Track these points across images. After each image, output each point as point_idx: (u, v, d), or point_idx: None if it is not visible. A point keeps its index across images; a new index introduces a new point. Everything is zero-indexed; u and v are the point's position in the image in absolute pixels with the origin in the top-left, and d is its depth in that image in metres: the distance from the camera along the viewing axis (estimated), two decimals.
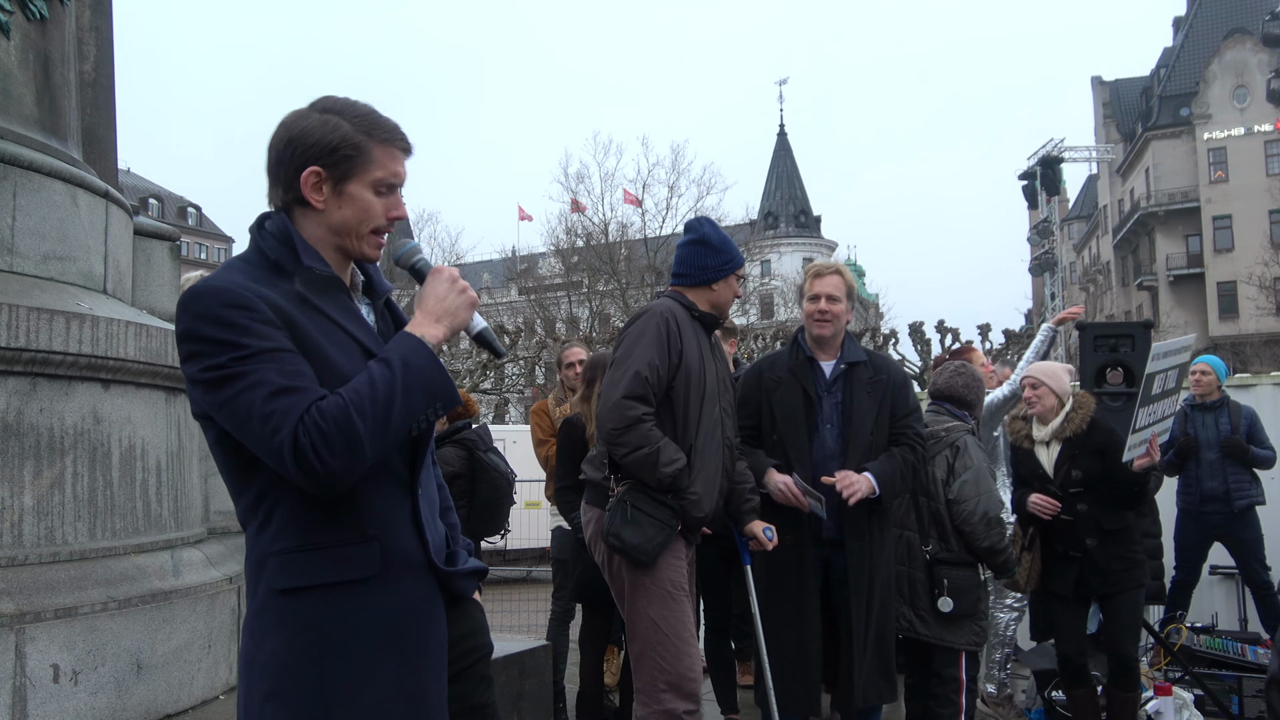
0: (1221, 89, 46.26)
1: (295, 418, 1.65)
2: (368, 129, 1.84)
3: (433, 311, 1.84)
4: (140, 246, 4.39)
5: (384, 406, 1.69)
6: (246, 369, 1.67)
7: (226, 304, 1.71)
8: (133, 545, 3.33)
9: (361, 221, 1.85)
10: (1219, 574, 7.19)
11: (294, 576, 1.76)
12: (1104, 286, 55.96)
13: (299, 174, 1.82)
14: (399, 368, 1.72)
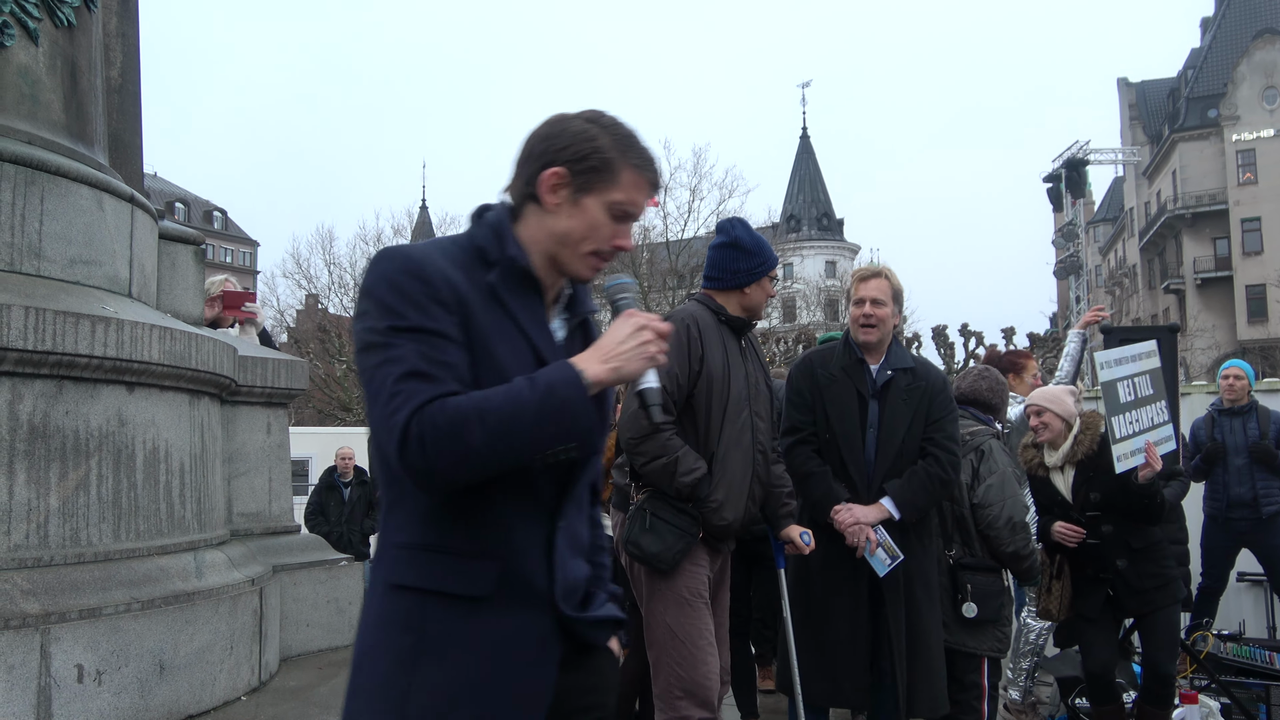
0: (1250, 90, 45.77)
1: (416, 404, 1.57)
2: (623, 149, 1.77)
3: (604, 350, 1.71)
4: (165, 250, 4.43)
5: (508, 424, 1.59)
6: (395, 341, 1.61)
7: (407, 272, 1.66)
8: (156, 547, 3.36)
9: (585, 237, 1.77)
10: (1246, 581, 7.11)
11: (408, 573, 1.68)
12: (1130, 290, 55.43)
13: (542, 170, 1.75)
14: (541, 391, 1.61)
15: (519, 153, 1.82)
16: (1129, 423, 4.53)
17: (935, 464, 3.74)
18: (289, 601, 4.21)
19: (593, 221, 1.76)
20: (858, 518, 3.59)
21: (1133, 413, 4.57)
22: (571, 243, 1.78)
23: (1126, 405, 4.56)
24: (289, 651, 4.18)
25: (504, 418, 1.59)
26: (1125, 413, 4.53)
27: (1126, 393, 4.60)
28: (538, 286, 1.78)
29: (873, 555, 3.60)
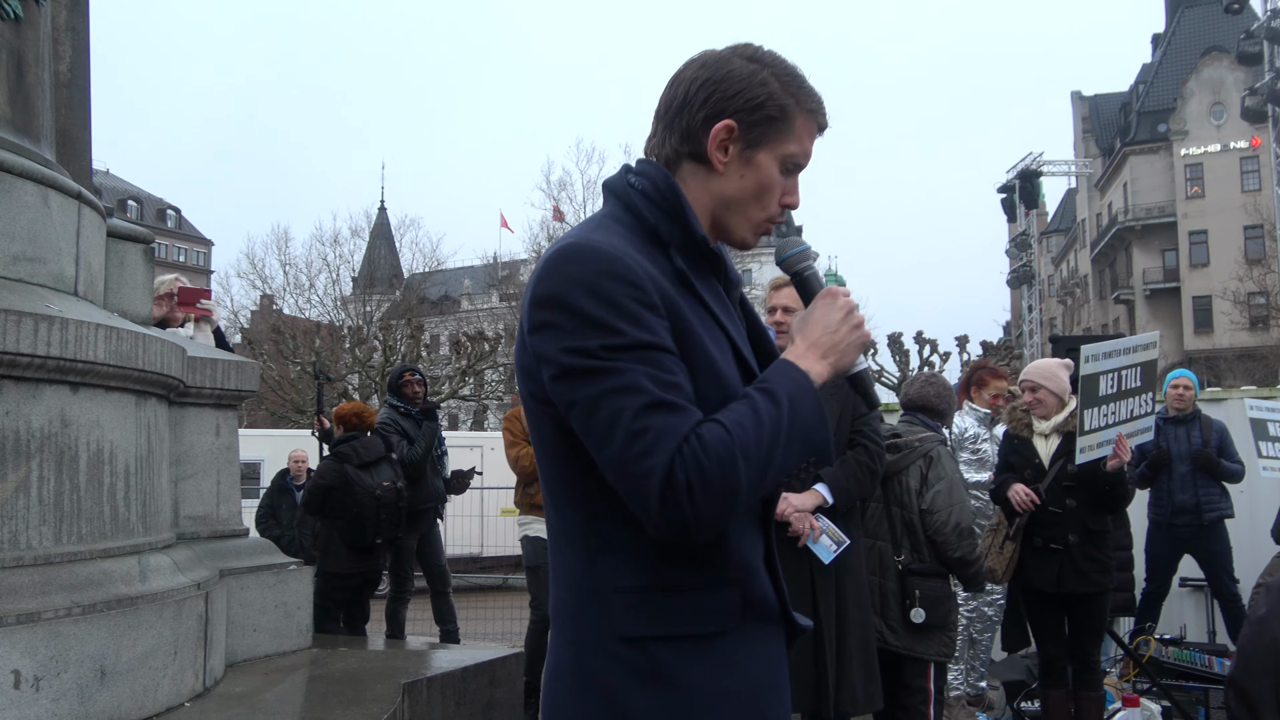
0: (1199, 106, 46.81)
1: (674, 444, 1.32)
2: (796, 93, 1.52)
3: (820, 344, 1.49)
4: (114, 249, 4.36)
5: (768, 452, 1.37)
6: (619, 365, 1.35)
7: (612, 274, 1.38)
8: (99, 550, 3.30)
9: (757, 198, 1.53)
10: (1188, 586, 7.26)
11: (648, 622, 1.43)
12: (1081, 299, 56.40)
13: (711, 124, 1.49)
14: (786, 409, 1.39)
15: (669, 102, 1.54)
16: (1102, 415, 4.62)
17: (865, 453, 3.77)
18: (236, 606, 4.15)
19: (767, 180, 1.52)
20: (796, 505, 3.56)
21: (1110, 406, 4.66)
22: (742, 206, 1.54)
23: (1105, 399, 4.65)
24: (235, 657, 4.13)
25: (762, 445, 1.37)
26: (1100, 406, 4.62)
27: (1108, 386, 4.69)
28: (718, 265, 1.56)
29: (816, 543, 3.60)
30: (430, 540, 7.04)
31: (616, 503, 1.41)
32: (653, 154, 1.57)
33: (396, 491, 6.52)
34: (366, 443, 6.40)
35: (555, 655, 1.54)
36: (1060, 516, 4.66)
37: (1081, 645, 4.75)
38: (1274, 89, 17.84)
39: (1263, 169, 38.33)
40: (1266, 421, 6.43)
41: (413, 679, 3.98)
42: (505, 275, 45.38)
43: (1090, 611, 4.72)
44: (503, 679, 4.64)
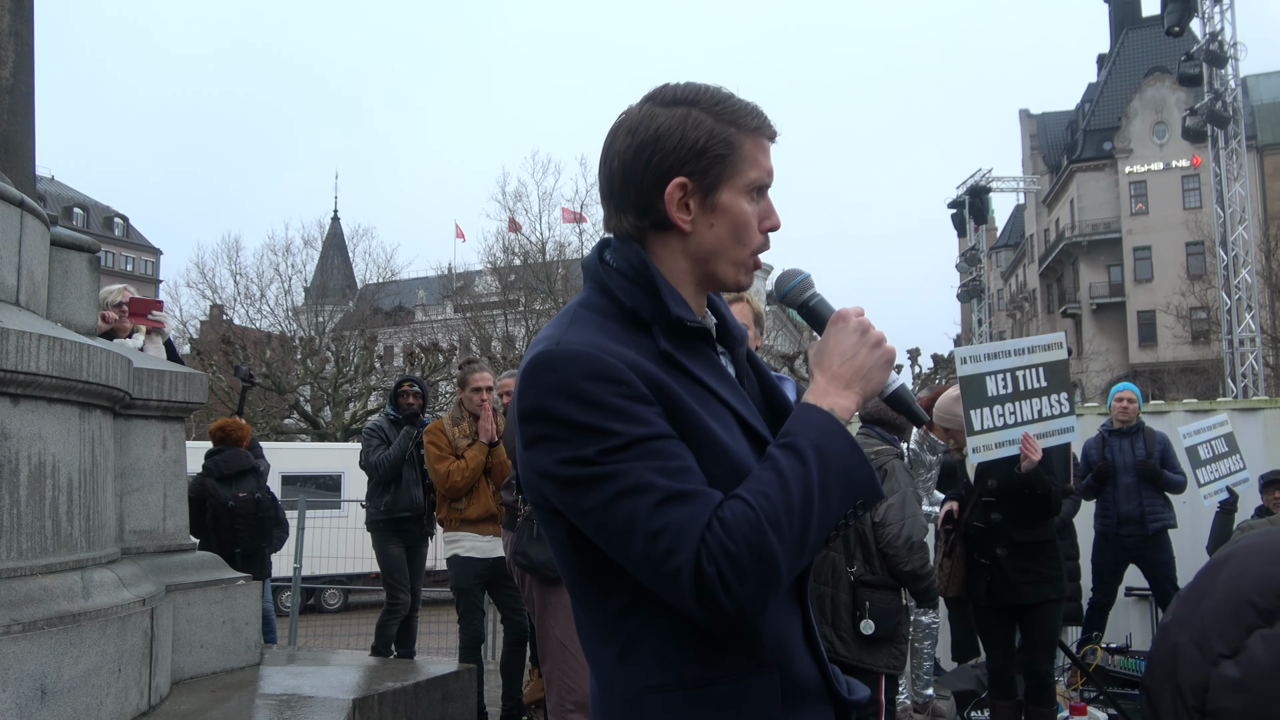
0: (1142, 125, 47.90)
1: (695, 537, 1.26)
2: (733, 117, 1.43)
3: (840, 375, 1.41)
4: (58, 258, 4.28)
5: (801, 515, 1.29)
6: (620, 467, 1.29)
7: (591, 375, 1.32)
8: (40, 566, 3.22)
9: (736, 239, 1.44)
10: (1134, 595, 7.40)
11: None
12: (1030, 313, 57.36)
13: (662, 189, 1.42)
14: (813, 460, 1.31)
15: (608, 181, 1.48)
16: (996, 416, 4.66)
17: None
18: (182, 622, 4.08)
19: (739, 218, 1.44)
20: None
21: (1005, 406, 4.69)
22: (725, 253, 1.46)
23: (997, 399, 4.68)
24: (181, 674, 4.05)
25: (792, 510, 1.29)
26: (991, 406, 4.66)
27: (999, 387, 4.71)
28: (708, 335, 1.48)
29: None
30: (416, 557, 6.84)
31: (639, 599, 1.36)
32: (617, 233, 1.50)
33: (254, 502, 6.81)
34: (230, 456, 6.54)
35: None
36: (984, 531, 4.75)
37: (1032, 659, 4.79)
38: (1213, 110, 18.31)
39: (1203, 187, 39.31)
40: (1198, 446, 6.60)
41: (363, 694, 3.94)
42: (460, 286, 45.12)
43: (1036, 623, 4.77)
44: (455, 694, 4.60)
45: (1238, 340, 18.52)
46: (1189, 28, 19.23)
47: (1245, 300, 18.67)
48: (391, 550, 6.59)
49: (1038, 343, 4.96)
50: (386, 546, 6.60)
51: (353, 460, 8.12)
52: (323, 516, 13.21)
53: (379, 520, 6.60)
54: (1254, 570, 1.03)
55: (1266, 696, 0.91)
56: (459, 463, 5.38)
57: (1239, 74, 18.80)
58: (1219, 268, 19.31)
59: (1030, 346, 4.92)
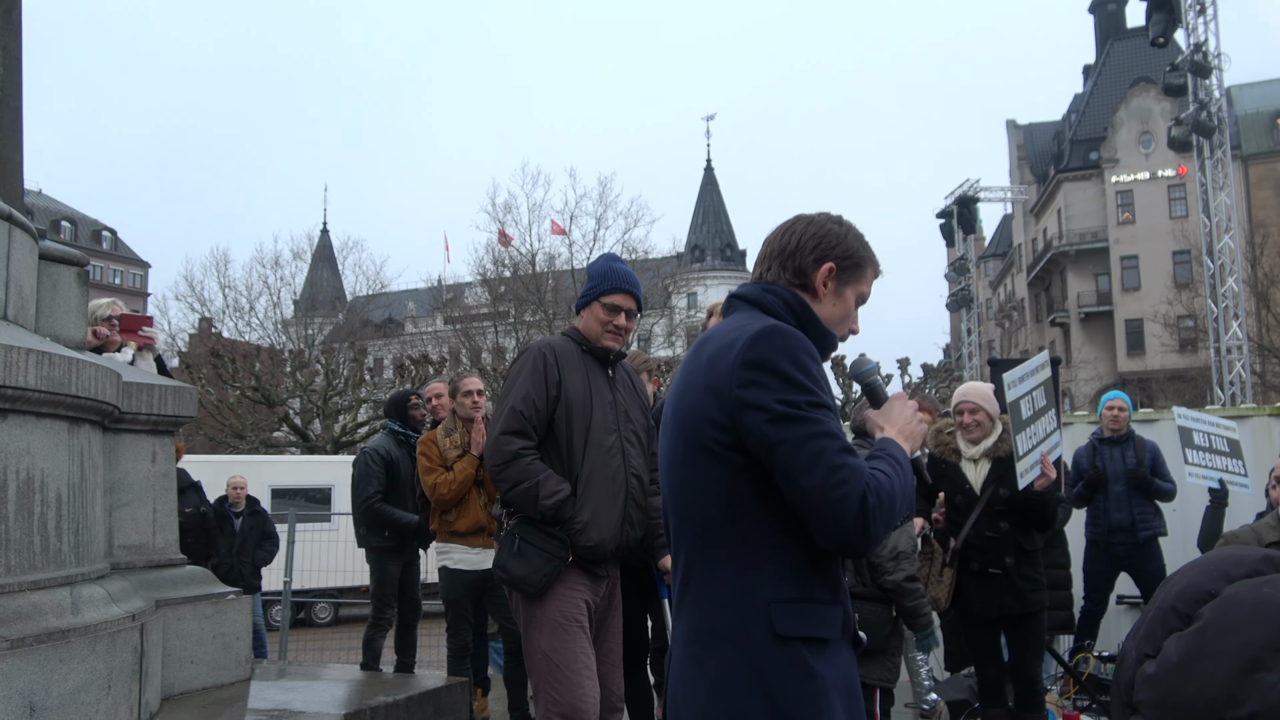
0: (1128, 135, 48.18)
1: (863, 479, 1.81)
2: (865, 251, 2.13)
3: (904, 431, 2.05)
4: (46, 272, 4.26)
5: (899, 499, 1.88)
6: (820, 416, 1.84)
7: (805, 351, 1.90)
8: (28, 582, 3.20)
9: (842, 321, 2.11)
10: (1125, 603, 7.41)
11: (801, 625, 1.87)
12: (1018, 323, 57.57)
13: (819, 265, 2.08)
14: (904, 471, 1.94)
15: (783, 248, 2.11)
16: (1029, 439, 4.72)
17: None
18: (172, 638, 4.05)
19: (847, 308, 2.11)
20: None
21: (1031, 428, 4.76)
22: (834, 324, 2.09)
23: (1027, 421, 4.75)
24: (172, 690, 4.02)
25: (894, 495, 1.86)
26: (1025, 429, 4.72)
27: (1027, 409, 4.79)
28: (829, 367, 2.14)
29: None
30: (411, 570, 6.80)
31: (776, 532, 1.88)
32: (767, 279, 2.12)
33: (200, 516, 7.28)
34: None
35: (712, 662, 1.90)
36: (995, 541, 4.72)
37: (1023, 665, 4.80)
38: (1198, 120, 18.42)
39: (1189, 196, 39.53)
40: (1192, 430, 6.59)
41: (354, 709, 3.91)
42: (450, 298, 45.09)
43: (1029, 630, 4.78)
44: (448, 708, 4.58)
45: (1225, 348, 18.61)
46: (1174, 38, 19.37)
47: (1232, 308, 18.77)
48: (389, 568, 6.56)
49: (1037, 363, 5.06)
50: (384, 564, 6.57)
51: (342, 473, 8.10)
52: (313, 530, 13.16)
53: (377, 545, 6.58)
54: (1185, 581, 1.14)
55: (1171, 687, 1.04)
56: (446, 475, 5.34)
57: (1223, 84, 18.92)
58: (1205, 276, 19.41)
59: (1035, 368, 5.00)
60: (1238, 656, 0.97)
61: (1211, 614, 1.03)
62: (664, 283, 40.15)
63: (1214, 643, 1.00)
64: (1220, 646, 0.99)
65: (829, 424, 1.84)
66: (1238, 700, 0.95)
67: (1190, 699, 0.98)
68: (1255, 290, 29.43)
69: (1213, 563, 1.12)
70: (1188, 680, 1.00)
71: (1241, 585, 1.05)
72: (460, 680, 4.99)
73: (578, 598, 3.42)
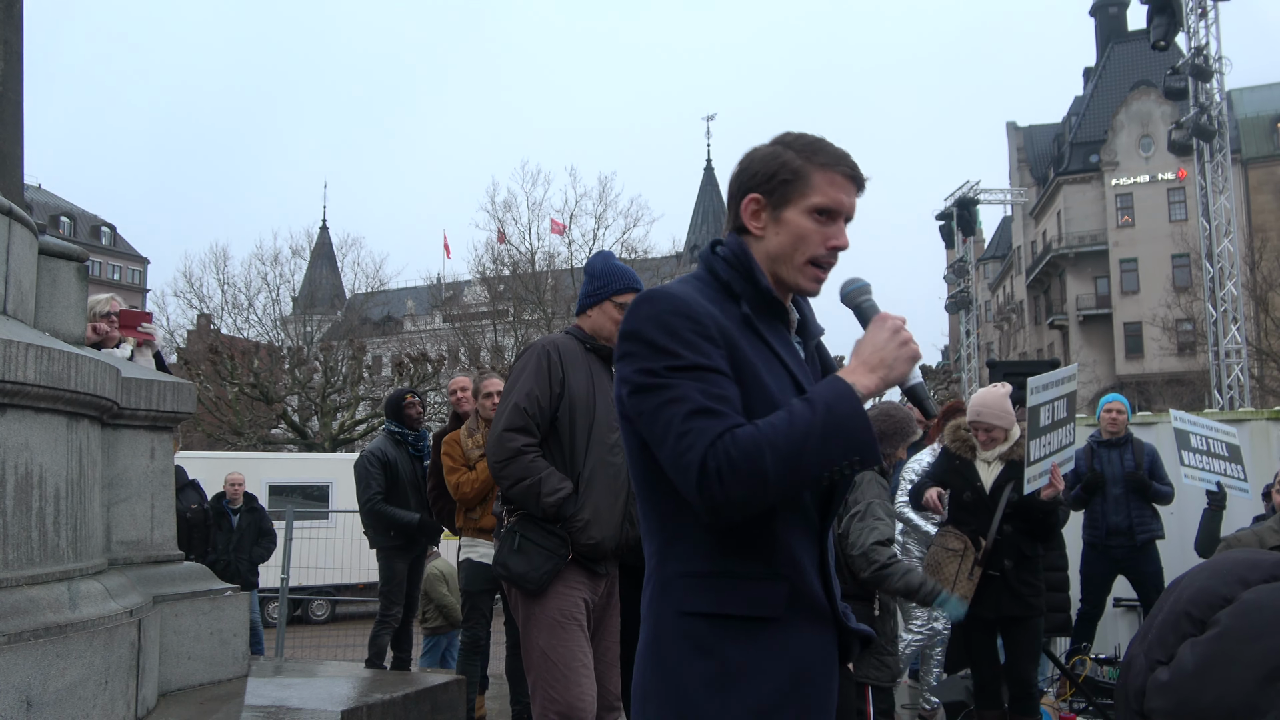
0: (1128, 138, 48.19)
1: (708, 440, 1.62)
2: (810, 155, 1.82)
3: (868, 361, 1.75)
4: (46, 267, 4.25)
5: (797, 447, 1.62)
6: (675, 381, 1.67)
7: (676, 311, 1.72)
8: (26, 577, 3.20)
9: (795, 249, 1.82)
10: (1122, 606, 7.41)
11: (705, 601, 1.73)
12: (1017, 325, 57.58)
13: (740, 202, 1.85)
14: (821, 411, 1.64)
15: (726, 193, 1.94)
16: (1042, 446, 4.72)
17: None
18: (169, 633, 4.04)
19: (798, 232, 1.81)
20: None
21: (1046, 437, 4.77)
22: (785, 258, 1.82)
23: (1044, 429, 4.75)
24: (169, 686, 4.02)
25: (792, 442, 1.62)
26: (1041, 437, 4.73)
27: (1046, 418, 4.80)
28: (783, 313, 1.85)
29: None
30: (415, 568, 6.86)
31: (685, 503, 1.70)
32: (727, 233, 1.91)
33: (203, 514, 7.72)
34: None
35: (641, 637, 1.84)
36: (997, 543, 4.72)
37: (1019, 668, 4.81)
38: (1198, 123, 18.42)
39: (1189, 200, 39.55)
40: (1189, 433, 6.60)
41: (351, 706, 3.91)
42: (449, 296, 45.08)
43: (1026, 633, 4.78)
44: (445, 706, 4.57)
45: (1223, 352, 18.62)
46: (1174, 42, 19.37)
47: (1231, 312, 18.77)
48: (396, 565, 6.64)
49: (1065, 374, 5.09)
50: (392, 562, 6.63)
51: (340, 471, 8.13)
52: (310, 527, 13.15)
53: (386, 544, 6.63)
54: (1197, 585, 1.10)
55: (1187, 695, 1.01)
56: (469, 474, 5.44)
57: (1224, 88, 18.93)
58: (1205, 280, 19.42)
59: (1061, 378, 5.02)
60: (1259, 664, 0.94)
61: (1229, 620, 1.00)
62: (663, 282, 40.11)
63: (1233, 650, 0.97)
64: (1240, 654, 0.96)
65: (683, 387, 1.66)
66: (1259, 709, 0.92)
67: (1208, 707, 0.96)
68: (1254, 294, 29.43)
69: (1225, 567, 1.09)
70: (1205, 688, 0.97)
71: (1259, 590, 1.02)
72: (458, 677, 4.99)
73: (576, 596, 3.43)
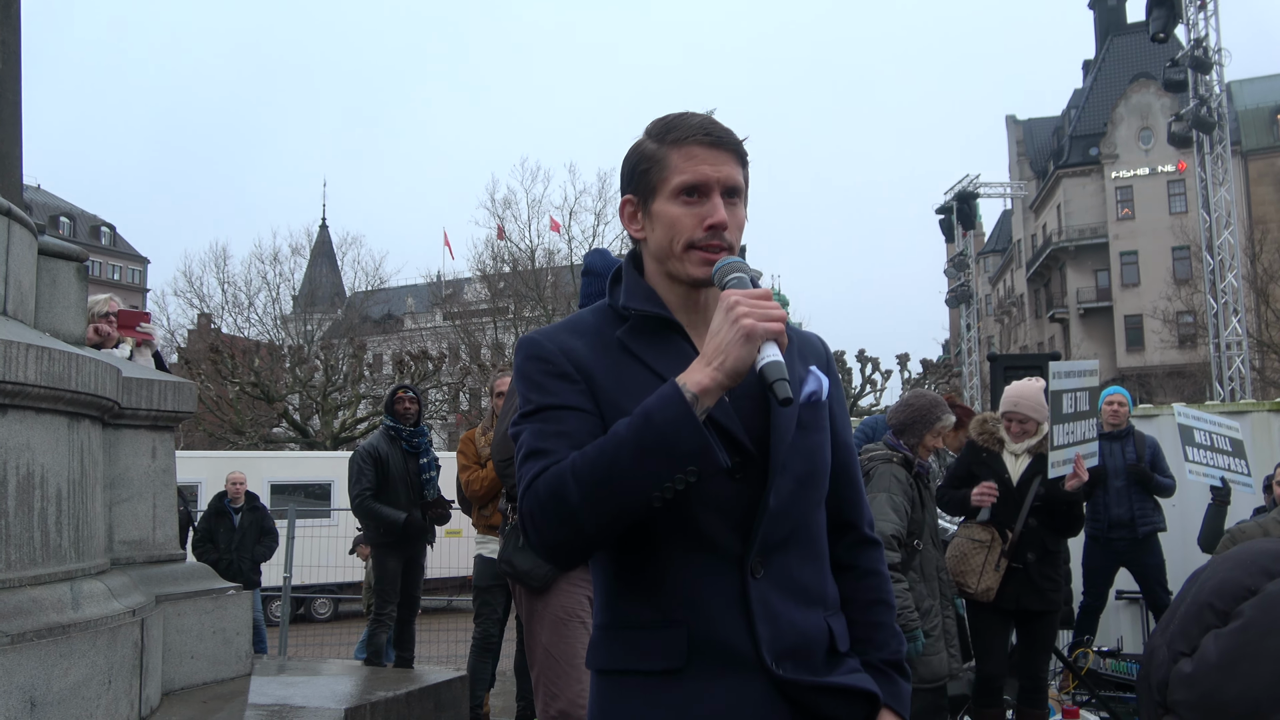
0: (1128, 130, 48.16)
1: (526, 483, 1.50)
2: (661, 136, 1.62)
3: (705, 352, 1.48)
4: (45, 267, 4.25)
5: (604, 472, 1.44)
6: (523, 426, 1.58)
7: (528, 356, 1.62)
8: (29, 577, 3.20)
9: (671, 239, 1.60)
10: (1124, 599, 7.41)
11: (604, 657, 1.60)
12: (1018, 318, 57.56)
13: (621, 208, 1.69)
14: (637, 424, 1.44)
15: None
16: (1066, 433, 4.73)
17: None
18: (172, 633, 4.05)
19: (668, 220, 1.61)
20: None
21: (1069, 425, 4.78)
22: (665, 252, 1.63)
23: (1068, 417, 4.76)
24: (172, 685, 4.02)
25: (598, 468, 1.45)
26: (1065, 423, 4.73)
27: (1069, 405, 4.81)
28: (670, 324, 1.64)
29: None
30: (415, 566, 6.85)
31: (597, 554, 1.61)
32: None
33: (186, 515, 7.91)
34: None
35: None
36: (1022, 536, 4.71)
37: (1031, 662, 4.79)
38: (1198, 115, 18.40)
39: (1189, 192, 39.51)
40: (1193, 428, 6.59)
41: (355, 704, 3.92)
42: (449, 294, 45.08)
43: (1042, 629, 4.78)
44: (448, 703, 4.58)
45: (1224, 344, 18.61)
46: (1174, 34, 19.34)
47: (1231, 304, 18.77)
48: (389, 564, 6.60)
49: (1087, 367, 5.12)
50: (385, 560, 6.61)
51: (342, 469, 8.13)
52: (312, 525, 13.17)
53: (379, 541, 6.62)
54: (1220, 575, 1.10)
55: (1211, 688, 1.00)
56: (481, 472, 5.46)
57: (1224, 79, 18.91)
58: (1205, 272, 19.41)
59: (1085, 370, 5.06)
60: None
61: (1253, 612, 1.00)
62: None
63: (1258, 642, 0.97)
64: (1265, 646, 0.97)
65: (525, 433, 1.55)
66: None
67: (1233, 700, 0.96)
68: (1255, 286, 29.42)
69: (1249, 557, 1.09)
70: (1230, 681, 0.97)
71: None
72: (460, 675, 5.00)
73: (580, 594, 3.44)
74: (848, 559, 1.72)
